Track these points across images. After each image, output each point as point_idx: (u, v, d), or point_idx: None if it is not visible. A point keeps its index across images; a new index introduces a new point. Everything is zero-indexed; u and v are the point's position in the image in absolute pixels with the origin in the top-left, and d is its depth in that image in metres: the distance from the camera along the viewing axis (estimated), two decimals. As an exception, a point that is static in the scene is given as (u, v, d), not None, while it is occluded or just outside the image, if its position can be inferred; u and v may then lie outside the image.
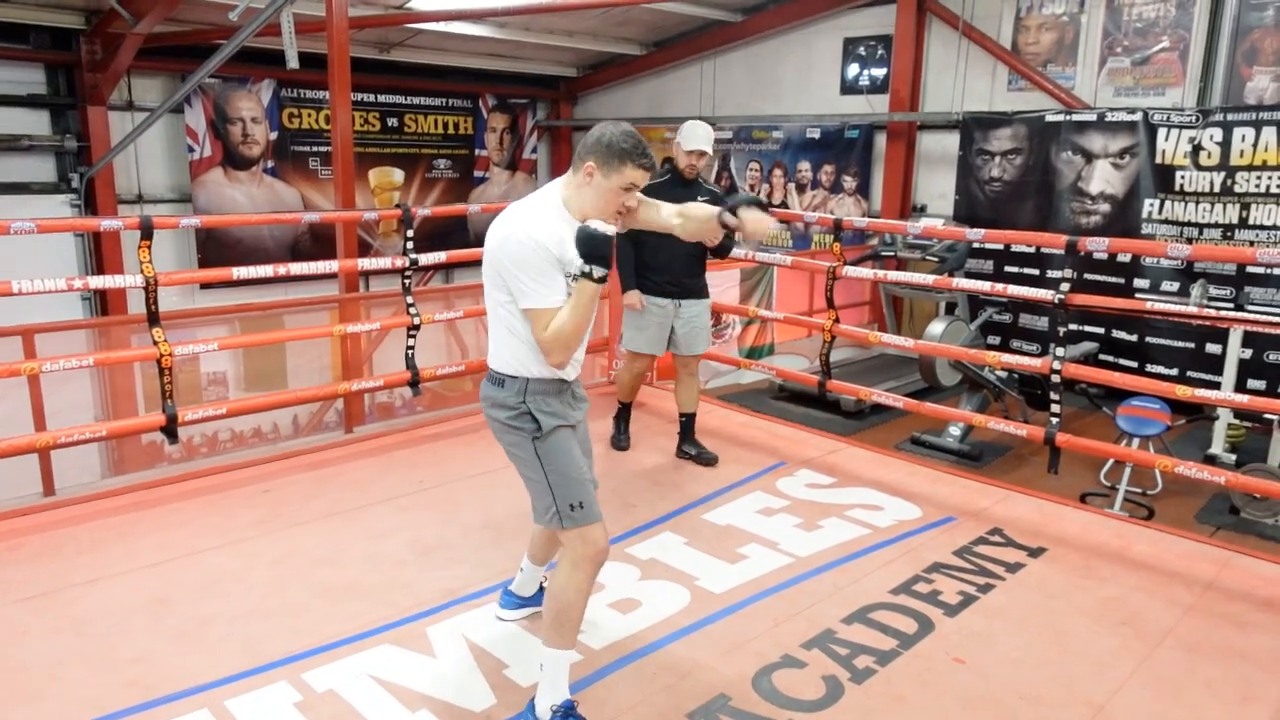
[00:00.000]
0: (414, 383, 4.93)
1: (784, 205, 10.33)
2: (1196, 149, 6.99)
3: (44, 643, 2.89)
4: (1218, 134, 6.86)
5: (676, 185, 4.34)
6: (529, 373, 2.49)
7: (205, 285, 9.25)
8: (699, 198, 4.28)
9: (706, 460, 4.59)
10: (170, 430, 4.16)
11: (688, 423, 4.67)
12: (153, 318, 4.13)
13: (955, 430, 6.16)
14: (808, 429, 5.26)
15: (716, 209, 2.73)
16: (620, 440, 4.79)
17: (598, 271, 2.38)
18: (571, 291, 2.43)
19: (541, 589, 3.08)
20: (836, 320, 5.04)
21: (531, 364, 2.48)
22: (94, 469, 5.43)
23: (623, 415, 4.83)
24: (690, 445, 4.66)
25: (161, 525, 3.75)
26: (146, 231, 4.08)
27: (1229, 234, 6.90)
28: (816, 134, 10.01)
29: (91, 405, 5.94)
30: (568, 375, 2.56)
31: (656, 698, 2.68)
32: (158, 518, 3.82)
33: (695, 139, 4.36)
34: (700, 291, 4.58)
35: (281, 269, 4.75)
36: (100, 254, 9.03)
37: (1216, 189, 6.92)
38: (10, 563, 3.40)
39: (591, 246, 2.36)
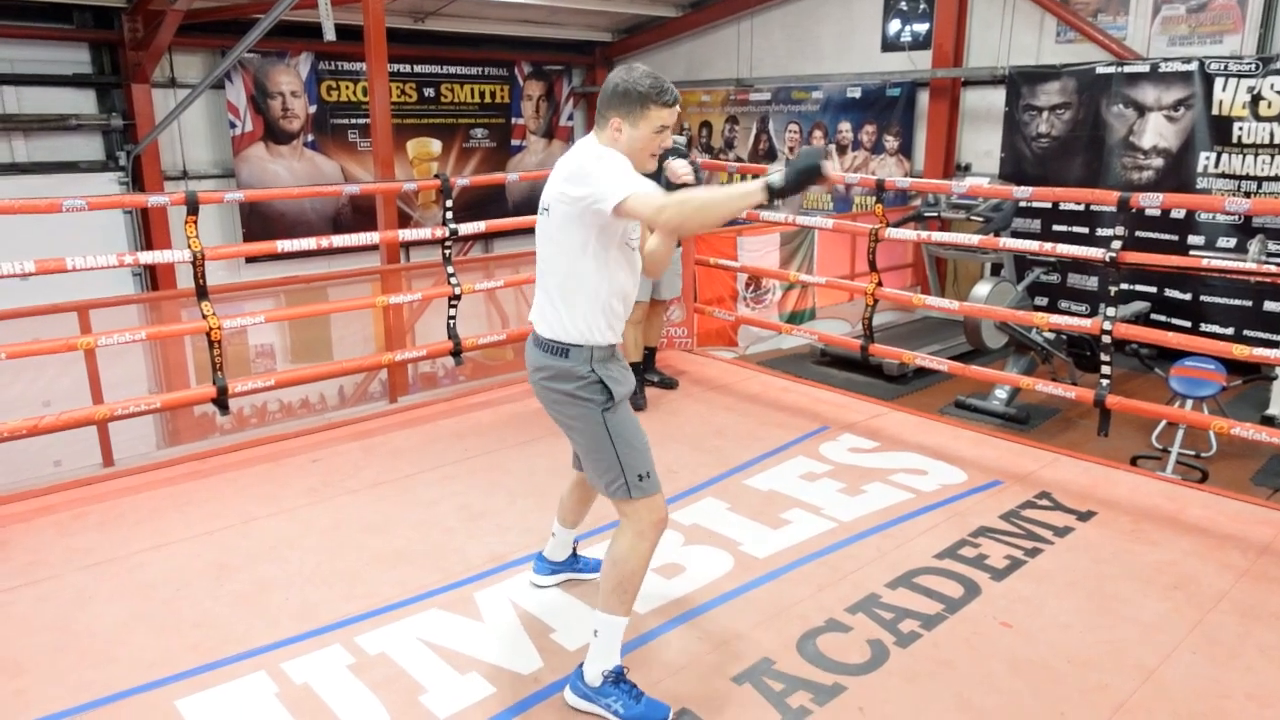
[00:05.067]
0: (456, 352, 4.98)
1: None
2: (1256, 99, 6.72)
3: (110, 608, 2.99)
4: (1279, 82, 6.59)
5: None
6: (593, 339, 2.42)
7: (250, 259, 9.40)
8: (668, 157, 4.26)
9: (668, 384, 5.09)
10: (221, 402, 4.26)
11: (650, 355, 5.15)
12: (201, 292, 4.21)
13: (1001, 393, 6.07)
14: (850, 393, 5.22)
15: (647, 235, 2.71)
16: (638, 400, 4.78)
17: (776, 180, 2.20)
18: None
19: (574, 554, 3.11)
20: (879, 283, 4.97)
21: (595, 331, 2.42)
22: (150, 440, 5.59)
23: (636, 374, 4.85)
24: (652, 373, 5.14)
25: (217, 494, 3.85)
26: (192, 207, 4.15)
27: (1290, 187, 6.66)
28: (857, 93, 9.81)
29: (145, 378, 6.10)
30: (615, 339, 2.52)
31: (701, 661, 2.71)
32: (213, 487, 3.93)
33: None
34: None
35: (324, 241, 4.80)
36: (148, 230, 9.23)
37: (1277, 140, 6.67)
38: (75, 531, 3.52)
39: (800, 158, 2.21)
